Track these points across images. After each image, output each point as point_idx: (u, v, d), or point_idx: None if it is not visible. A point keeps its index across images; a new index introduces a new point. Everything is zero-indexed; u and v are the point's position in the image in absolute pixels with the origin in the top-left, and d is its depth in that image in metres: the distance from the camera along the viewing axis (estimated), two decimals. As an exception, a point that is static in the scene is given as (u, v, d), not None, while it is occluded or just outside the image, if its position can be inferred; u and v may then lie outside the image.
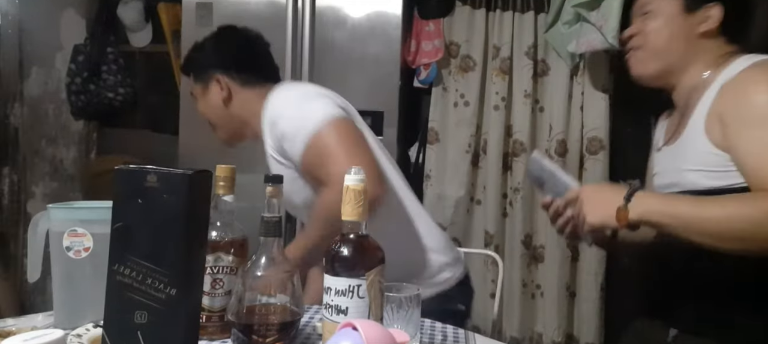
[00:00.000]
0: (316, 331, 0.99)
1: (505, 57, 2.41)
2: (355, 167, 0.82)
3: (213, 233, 0.93)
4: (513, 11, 2.41)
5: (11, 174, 2.67)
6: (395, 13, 2.14)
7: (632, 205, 0.98)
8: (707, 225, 0.94)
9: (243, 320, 0.84)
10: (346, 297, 0.79)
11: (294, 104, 1.28)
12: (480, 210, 2.47)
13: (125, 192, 0.74)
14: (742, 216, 0.92)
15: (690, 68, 1.14)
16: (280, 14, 2.14)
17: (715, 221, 0.93)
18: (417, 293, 0.91)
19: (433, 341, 1.02)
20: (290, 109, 1.27)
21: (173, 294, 0.72)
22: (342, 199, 0.81)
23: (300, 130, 1.21)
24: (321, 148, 1.19)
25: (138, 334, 0.72)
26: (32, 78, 2.85)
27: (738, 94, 1.02)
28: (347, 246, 0.81)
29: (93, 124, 2.93)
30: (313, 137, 1.20)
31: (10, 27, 2.79)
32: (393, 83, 2.15)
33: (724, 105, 1.03)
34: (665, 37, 1.14)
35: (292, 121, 1.24)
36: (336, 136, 1.20)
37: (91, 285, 0.90)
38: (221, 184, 0.95)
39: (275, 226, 0.86)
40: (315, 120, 1.21)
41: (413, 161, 2.54)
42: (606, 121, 2.32)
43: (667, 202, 1.00)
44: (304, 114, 1.23)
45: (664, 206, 0.98)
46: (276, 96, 1.31)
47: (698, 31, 1.12)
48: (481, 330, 2.32)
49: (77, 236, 0.94)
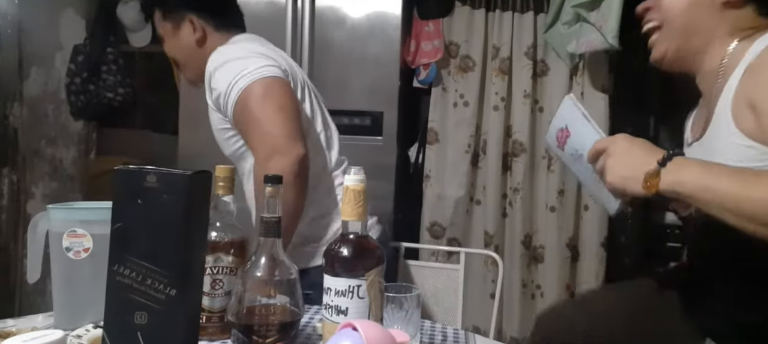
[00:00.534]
0: (316, 332, 0.99)
1: (504, 57, 2.41)
2: (355, 167, 0.82)
3: (213, 233, 0.93)
4: (512, 11, 2.41)
5: (11, 175, 2.67)
6: (395, 13, 2.14)
7: (666, 171, 0.84)
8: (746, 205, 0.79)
9: (243, 320, 0.84)
10: (346, 298, 0.79)
11: (233, 59, 1.29)
12: (480, 210, 2.47)
13: (125, 192, 0.74)
14: None
15: (714, 46, 0.99)
16: (280, 14, 2.14)
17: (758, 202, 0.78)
18: (417, 293, 0.91)
19: (433, 341, 1.02)
20: (228, 63, 1.28)
21: (173, 294, 0.72)
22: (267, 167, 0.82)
23: (232, 86, 1.23)
24: (245, 108, 1.23)
25: (138, 335, 0.72)
26: (32, 78, 2.85)
27: (765, 72, 0.88)
28: (347, 246, 0.81)
29: (92, 124, 2.93)
30: (242, 93, 1.22)
31: (9, 27, 2.79)
32: (392, 83, 2.15)
33: (753, 88, 0.88)
34: (683, 8, 1.00)
35: (227, 76, 1.25)
36: (261, 97, 1.22)
37: (91, 286, 0.90)
38: (221, 185, 0.95)
39: (275, 226, 0.86)
40: (247, 78, 1.23)
41: (413, 161, 2.54)
42: (606, 121, 2.33)
43: (707, 173, 0.84)
44: (239, 70, 1.24)
45: (702, 177, 0.83)
46: (222, 48, 1.34)
47: (720, 1, 0.97)
48: (481, 330, 2.32)
49: (77, 237, 0.94)
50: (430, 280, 1.81)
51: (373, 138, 2.14)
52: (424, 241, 2.42)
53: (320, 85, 2.18)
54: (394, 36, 2.14)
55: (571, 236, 2.41)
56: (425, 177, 2.47)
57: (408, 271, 1.83)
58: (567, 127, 1.05)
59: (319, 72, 2.15)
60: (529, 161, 2.41)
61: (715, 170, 0.84)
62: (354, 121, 2.15)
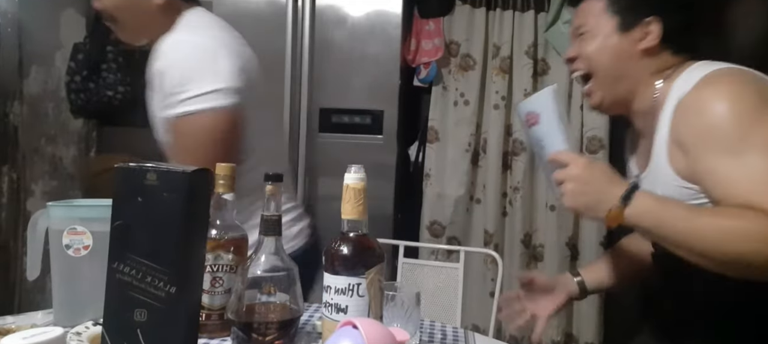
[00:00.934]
0: (315, 330, 0.99)
1: (505, 56, 2.41)
2: (355, 165, 0.82)
3: (213, 231, 0.93)
4: (513, 10, 2.41)
5: (11, 173, 2.67)
6: (395, 12, 2.14)
7: (629, 208, 0.89)
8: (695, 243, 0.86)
9: (243, 318, 0.84)
10: (345, 296, 0.79)
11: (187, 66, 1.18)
12: (480, 209, 2.47)
13: (125, 190, 0.74)
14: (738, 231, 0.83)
15: (641, 88, 1.06)
16: (280, 14, 2.14)
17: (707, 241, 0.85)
18: (417, 292, 0.91)
19: (432, 339, 1.02)
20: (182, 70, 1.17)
21: (173, 292, 0.72)
22: None
23: (181, 101, 1.15)
24: (183, 132, 1.17)
25: (138, 332, 0.72)
26: (32, 76, 2.85)
27: (691, 114, 0.94)
28: (347, 244, 0.81)
29: (93, 122, 2.93)
30: (187, 118, 1.15)
31: (9, 26, 2.79)
32: (393, 82, 2.15)
33: (681, 128, 0.95)
34: (606, 59, 1.07)
35: (177, 86, 1.16)
36: (202, 131, 1.15)
37: (91, 284, 0.90)
38: (221, 183, 0.95)
39: (275, 225, 0.86)
40: (197, 103, 1.14)
41: (413, 160, 2.54)
42: (606, 121, 2.33)
43: (663, 209, 0.90)
44: (193, 84, 1.15)
45: (658, 213, 0.89)
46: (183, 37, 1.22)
47: (639, 49, 1.05)
48: (480, 328, 2.32)
49: (77, 234, 0.94)
50: (429, 279, 1.81)
51: (374, 136, 2.14)
52: (424, 240, 2.42)
53: (321, 84, 2.19)
54: (395, 35, 2.14)
55: (570, 235, 2.41)
56: (425, 175, 2.47)
57: (408, 270, 1.83)
58: (539, 113, 1.07)
59: (319, 71, 2.15)
60: (529, 160, 2.41)
61: (669, 206, 0.90)
62: (354, 120, 2.15)
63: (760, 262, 0.82)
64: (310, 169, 2.16)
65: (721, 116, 0.90)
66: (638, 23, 1.05)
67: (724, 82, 0.94)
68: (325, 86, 2.17)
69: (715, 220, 0.86)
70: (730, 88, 0.92)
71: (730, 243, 0.84)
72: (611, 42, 1.06)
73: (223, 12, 2.20)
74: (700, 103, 0.93)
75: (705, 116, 0.91)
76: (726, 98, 0.91)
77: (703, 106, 0.92)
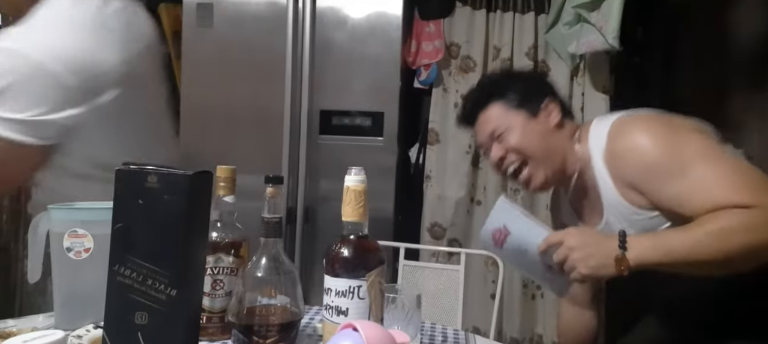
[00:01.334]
0: (316, 332, 0.99)
1: (505, 58, 2.41)
2: (356, 168, 0.82)
3: (213, 234, 0.93)
4: (513, 12, 2.41)
5: (12, 175, 2.67)
6: (395, 14, 2.14)
7: (630, 251, 0.99)
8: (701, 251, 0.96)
9: (243, 321, 0.84)
10: (346, 298, 0.79)
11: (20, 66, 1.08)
12: (480, 211, 2.47)
13: (126, 192, 0.74)
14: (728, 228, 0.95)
15: (568, 156, 1.21)
16: (280, 15, 2.15)
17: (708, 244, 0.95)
18: (418, 294, 0.91)
19: (433, 341, 1.02)
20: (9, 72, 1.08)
21: (174, 294, 0.72)
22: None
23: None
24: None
25: (138, 335, 0.72)
26: (33, 78, 2.85)
27: (630, 157, 1.07)
28: (347, 247, 0.81)
29: (93, 124, 2.93)
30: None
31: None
32: (393, 84, 2.15)
33: (625, 173, 1.08)
34: (535, 141, 1.21)
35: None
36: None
37: (92, 286, 0.90)
38: (222, 185, 0.95)
39: (275, 227, 0.86)
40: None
41: (413, 162, 2.54)
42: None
43: (661, 240, 1.01)
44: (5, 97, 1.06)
45: (658, 244, 1.00)
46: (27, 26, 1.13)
47: (551, 125, 1.22)
48: (481, 330, 2.32)
49: (78, 237, 0.94)
50: (430, 281, 1.81)
51: (374, 138, 2.14)
52: (424, 242, 2.42)
53: (321, 86, 2.19)
54: (395, 36, 2.14)
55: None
56: (426, 177, 2.47)
57: (408, 272, 1.83)
58: (505, 226, 1.16)
59: (320, 73, 2.16)
60: (529, 162, 2.40)
61: (663, 236, 1.02)
62: (355, 122, 2.15)
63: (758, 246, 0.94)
64: (311, 171, 2.17)
65: (651, 152, 1.04)
66: (540, 107, 1.23)
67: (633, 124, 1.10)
68: (326, 88, 2.17)
69: (702, 228, 0.96)
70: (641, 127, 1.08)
71: (724, 241, 0.94)
72: (530, 127, 1.22)
73: (223, 13, 2.21)
74: (628, 149, 1.07)
75: (639, 157, 1.05)
76: (644, 136, 1.06)
77: (631, 150, 1.06)
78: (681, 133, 1.06)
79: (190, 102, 2.22)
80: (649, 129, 1.07)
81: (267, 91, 2.16)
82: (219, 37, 2.21)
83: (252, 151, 2.14)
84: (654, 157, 1.04)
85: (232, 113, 2.19)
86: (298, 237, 2.14)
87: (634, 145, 1.06)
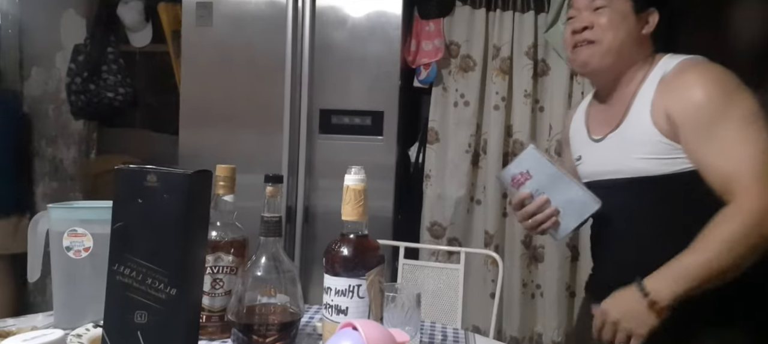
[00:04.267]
0: (316, 331, 0.99)
1: (505, 57, 2.41)
2: (355, 167, 0.82)
3: (213, 233, 0.93)
4: (513, 11, 2.41)
5: (11, 174, 2.67)
6: (395, 13, 2.13)
7: (654, 294, 1.01)
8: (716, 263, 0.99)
9: (243, 320, 0.84)
10: (346, 297, 0.79)
11: None
12: (480, 210, 2.47)
13: (125, 192, 0.74)
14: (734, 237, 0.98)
15: (632, 65, 1.19)
16: (280, 14, 2.14)
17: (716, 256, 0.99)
18: (417, 293, 0.91)
19: (433, 341, 1.02)
20: None
21: (173, 294, 0.72)
22: None
23: None
24: None
25: (138, 334, 0.72)
26: (32, 78, 2.85)
27: (682, 93, 1.08)
28: (347, 246, 0.81)
29: (93, 123, 2.93)
30: None
31: (10, 27, 2.80)
32: (393, 83, 2.15)
33: (669, 102, 1.09)
34: (621, 35, 1.17)
35: None
36: None
37: (91, 285, 0.90)
38: (221, 184, 0.95)
39: (275, 226, 0.86)
40: None
41: (413, 161, 2.54)
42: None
43: (675, 271, 1.02)
44: None
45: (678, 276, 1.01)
46: None
47: (642, 32, 1.19)
48: (480, 329, 2.32)
49: (77, 236, 0.94)
50: (430, 280, 1.81)
51: (374, 137, 2.14)
52: (424, 241, 2.42)
53: (321, 85, 2.19)
54: (395, 36, 2.14)
55: (571, 236, 2.41)
56: (426, 176, 2.47)
57: (408, 271, 1.83)
58: (528, 171, 1.18)
59: (319, 72, 2.15)
60: (529, 161, 2.40)
61: (677, 264, 1.02)
62: (354, 121, 2.15)
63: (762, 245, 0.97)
64: (310, 170, 2.17)
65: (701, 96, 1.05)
66: (645, 10, 1.19)
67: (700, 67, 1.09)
68: (325, 87, 2.17)
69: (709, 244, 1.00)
70: (709, 72, 1.08)
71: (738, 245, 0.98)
72: (627, 21, 1.17)
73: (223, 12, 2.21)
74: (688, 84, 1.08)
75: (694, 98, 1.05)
76: (703, 78, 1.07)
77: (687, 87, 1.07)
78: (739, 94, 1.07)
79: (190, 101, 2.22)
80: (711, 76, 1.08)
81: (266, 90, 2.16)
82: (218, 36, 2.21)
83: (251, 150, 2.14)
84: (702, 101, 1.05)
85: (231, 112, 2.19)
86: (298, 237, 2.14)
87: (692, 83, 1.07)
